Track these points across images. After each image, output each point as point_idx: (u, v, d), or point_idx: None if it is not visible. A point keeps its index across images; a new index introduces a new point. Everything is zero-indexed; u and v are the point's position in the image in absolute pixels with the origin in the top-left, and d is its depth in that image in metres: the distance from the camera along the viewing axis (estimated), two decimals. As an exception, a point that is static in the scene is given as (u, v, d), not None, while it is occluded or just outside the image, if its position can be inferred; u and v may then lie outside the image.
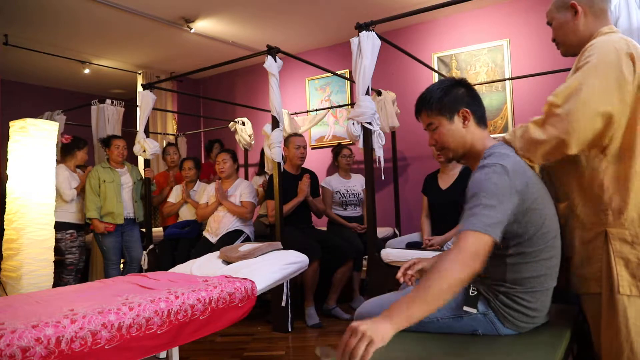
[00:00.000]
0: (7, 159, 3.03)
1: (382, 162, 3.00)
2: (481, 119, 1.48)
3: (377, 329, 1.05)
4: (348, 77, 4.91)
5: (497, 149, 1.41)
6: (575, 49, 1.50)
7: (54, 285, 3.11)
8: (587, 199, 1.41)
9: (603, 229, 1.37)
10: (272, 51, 3.30)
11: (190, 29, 4.79)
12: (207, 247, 3.50)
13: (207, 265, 2.57)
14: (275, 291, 3.12)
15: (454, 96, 1.48)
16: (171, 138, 6.22)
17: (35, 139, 3.03)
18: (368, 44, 2.80)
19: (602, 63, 1.33)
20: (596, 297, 1.39)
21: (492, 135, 1.58)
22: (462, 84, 1.52)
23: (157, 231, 4.49)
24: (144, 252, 4.05)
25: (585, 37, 1.46)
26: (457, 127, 1.47)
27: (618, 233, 1.35)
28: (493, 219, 1.22)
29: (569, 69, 1.52)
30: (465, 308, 1.43)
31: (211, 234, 3.74)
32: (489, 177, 1.29)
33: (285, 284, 3.09)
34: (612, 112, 1.30)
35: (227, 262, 2.56)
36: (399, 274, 1.59)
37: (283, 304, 3.11)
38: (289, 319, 3.16)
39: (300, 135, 3.85)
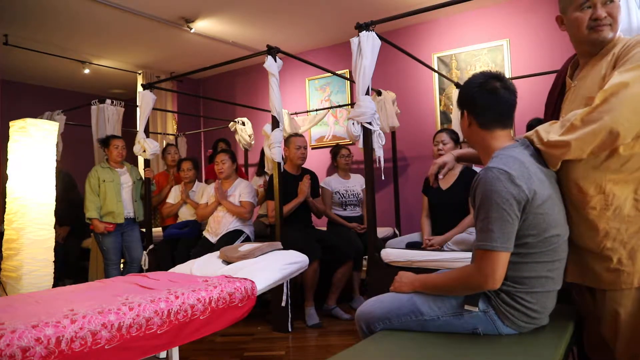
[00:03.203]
0: (7, 159, 3.03)
1: (382, 162, 2.99)
2: (487, 123, 1.49)
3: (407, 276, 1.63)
4: (348, 77, 4.90)
5: (506, 151, 1.42)
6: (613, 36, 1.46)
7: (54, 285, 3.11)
8: (624, 191, 1.40)
9: None
10: (272, 51, 3.29)
11: (190, 29, 4.78)
12: (207, 247, 3.50)
13: (207, 265, 2.57)
14: (275, 291, 3.11)
15: (462, 97, 1.56)
16: (171, 138, 6.22)
17: (35, 139, 3.02)
18: (368, 44, 2.79)
19: None
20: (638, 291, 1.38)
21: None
22: (480, 84, 1.49)
23: (157, 231, 4.49)
24: (144, 252, 4.05)
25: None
26: (465, 125, 1.56)
27: None
28: (506, 234, 1.33)
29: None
30: (467, 307, 1.44)
31: (211, 234, 3.74)
32: (497, 189, 1.32)
33: (285, 284, 3.08)
34: None
35: (227, 262, 2.56)
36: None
37: (283, 304, 3.11)
38: (289, 319, 3.16)
39: (301, 136, 3.84)
